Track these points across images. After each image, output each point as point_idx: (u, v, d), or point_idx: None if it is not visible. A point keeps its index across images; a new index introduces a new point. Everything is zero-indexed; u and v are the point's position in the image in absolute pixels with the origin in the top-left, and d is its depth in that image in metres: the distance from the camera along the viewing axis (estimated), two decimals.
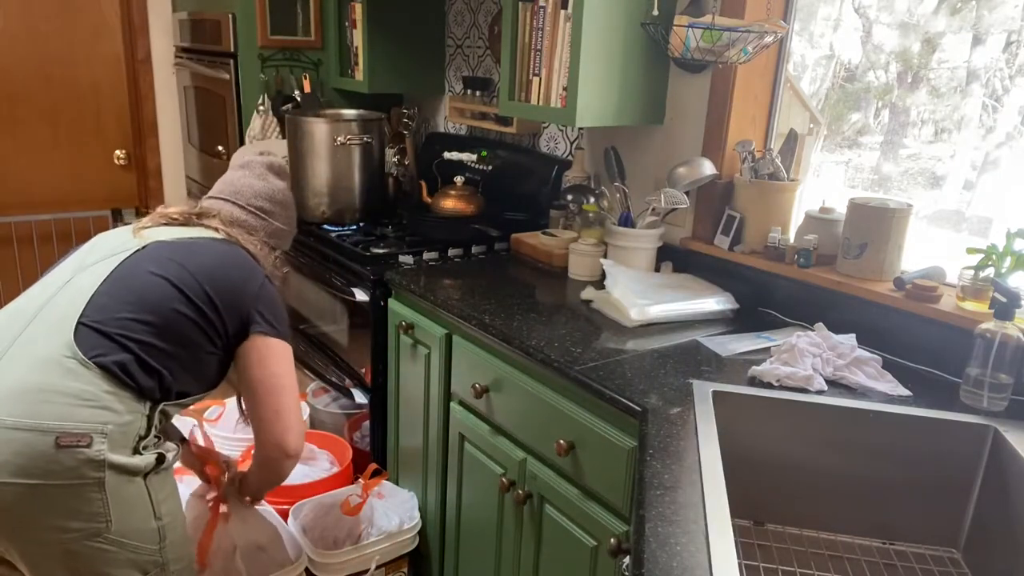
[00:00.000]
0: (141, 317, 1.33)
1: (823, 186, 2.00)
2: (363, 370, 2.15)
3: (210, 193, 1.66)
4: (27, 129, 3.28)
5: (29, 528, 1.25)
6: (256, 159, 1.71)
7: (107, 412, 1.26)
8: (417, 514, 2.02)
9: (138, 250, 1.41)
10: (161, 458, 1.36)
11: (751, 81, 1.88)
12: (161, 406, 1.36)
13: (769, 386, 1.38)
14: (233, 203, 1.63)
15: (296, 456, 1.52)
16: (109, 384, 1.28)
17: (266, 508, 1.98)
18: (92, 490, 1.25)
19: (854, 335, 1.53)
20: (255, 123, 2.84)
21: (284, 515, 1.95)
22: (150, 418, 1.34)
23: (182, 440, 1.66)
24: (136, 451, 1.31)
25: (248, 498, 1.70)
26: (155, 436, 1.37)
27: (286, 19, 2.87)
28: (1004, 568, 1.18)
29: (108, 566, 1.30)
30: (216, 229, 1.52)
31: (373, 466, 2.11)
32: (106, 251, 1.43)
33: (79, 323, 1.29)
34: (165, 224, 1.52)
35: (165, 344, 1.34)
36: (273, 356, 1.47)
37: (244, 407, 1.55)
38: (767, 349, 1.53)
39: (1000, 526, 1.21)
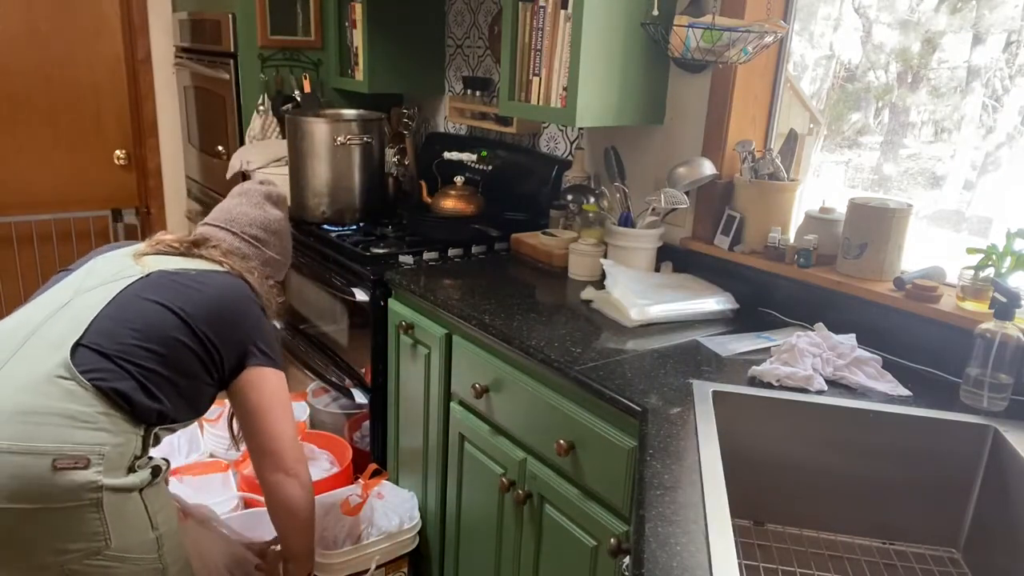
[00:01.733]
0: (145, 344, 1.32)
1: (823, 186, 2.00)
2: (363, 370, 2.15)
3: (206, 220, 1.66)
4: (27, 129, 3.28)
5: (26, 553, 1.24)
6: (255, 188, 1.71)
7: (104, 434, 1.25)
8: (417, 514, 2.02)
9: (141, 277, 1.40)
10: (156, 471, 1.35)
11: (751, 81, 1.88)
12: (155, 430, 1.35)
13: (769, 386, 1.38)
14: (227, 230, 1.62)
15: (297, 476, 1.53)
16: (105, 406, 1.26)
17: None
18: (90, 511, 1.24)
19: (854, 335, 1.53)
20: (255, 123, 2.84)
21: None
22: (145, 439, 1.33)
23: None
24: (131, 470, 1.30)
25: (301, 569, 1.67)
26: (148, 457, 1.37)
27: (286, 19, 2.87)
28: (1004, 568, 1.18)
29: None
30: (219, 261, 1.52)
31: (373, 466, 2.11)
32: (106, 275, 1.41)
33: (79, 344, 1.28)
34: (164, 253, 1.51)
35: (168, 372, 1.34)
36: (268, 384, 1.48)
37: (239, 434, 1.56)
38: (767, 349, 1.53)
39: (1000, 526, 1.21)
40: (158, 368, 1.33)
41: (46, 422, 1.21)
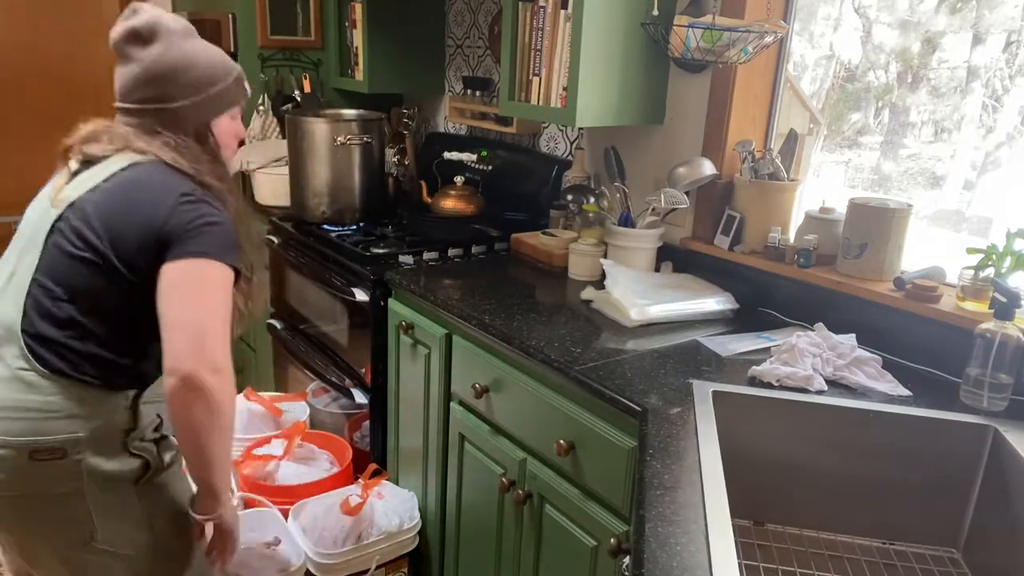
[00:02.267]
0: (80, 309, 1.22)
1: (823, 186, 2.00)
2: (363, 370, 2.15)
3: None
4: (26, 129, 3.28)
5: (25, 533, 1.25)
6: (117, 35, 1.31)
7: (76, 420, 1.21)
8: (417, 514, 2.02)
9: (55, 224, 1.24)
10: (147, 465, 1.29)
11: (751, 81, 1.88)
12: (143, 395, 1.29)
13: (769, 386, 1.38)
14: (120, 111, 1.32)
15: (222, 371, 1.20)
16: (74, 389, 1.21)
17: (270, 511, 1.98)
18: (74, 499, 1.22)
19: (854, 335, 1.53)
20: (255, 123, 2.84)
21: (284, 515, 1.96)
22: (133, 410, 1.27)
23: None
24: (126, 448, 1.26)
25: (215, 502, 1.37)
26: (154, 431, 1.31)
27: (286, 19, 2.87)
28: (1004, 568, 1.18)
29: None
30: (125, 150, 1.28)
31: (373, 466, 2.11)
32: (30, 231, 1.28)
33: (25, 331, 1.21)
34: (77, 172, 1.29)
35: (114, 329, 1.24)
36: (192, 273, 1.20)
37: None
38: (767, 349, 1.53)
39: (1000, 526, 1.21)
40: (102, 330, 1.23)
41: (19, 416, 1.19)
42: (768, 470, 1.34)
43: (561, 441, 1.46)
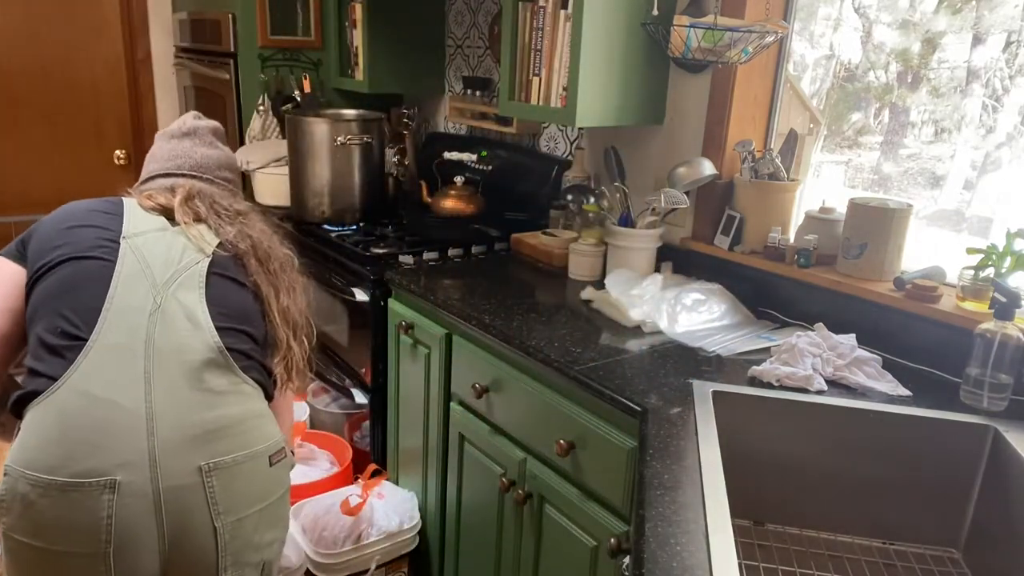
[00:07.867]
0: (251, 334, 1.34)
1: (823, 186, 2.00)
2: (363, 370, 2.15)
3: (162, 169, 1.47)
4: (27, 129, 3.28)
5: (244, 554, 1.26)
6: (200, 125, 1.52)
7: (272, 422, 1.32)
8: (417, 514, 2.02)
9: (212, 262, 1.33)
10: None
11: (751, 81, 1.88)
12: None
13: (769, 386, 1.38)
14: (199, 178, 1.45)
15: None
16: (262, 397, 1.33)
17: None
18: (287, 493, 1.35)
19: (854, 335, 1.53)
20: (255, 123, 2.84)
21: None
22: None
23: None
24: None
25: None
26: None
27: (286, 19, 2.87)
28: (1004, 568, 1.18)
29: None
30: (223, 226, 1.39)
31: (373, 466, 2.11)
32: (178, 266, 1.30)
33: (229, 349, 1.27)
34: (197, 221, 1.38)
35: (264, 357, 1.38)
36: None
37: None
38: (767, 349, 1.53)
39: (1000, 526, 1.21)
40: (258, 355, 1.36)
41: (254, 427, 1.27)
42: (768, 470, 1.34)
43: (561, 441, 1.46)
